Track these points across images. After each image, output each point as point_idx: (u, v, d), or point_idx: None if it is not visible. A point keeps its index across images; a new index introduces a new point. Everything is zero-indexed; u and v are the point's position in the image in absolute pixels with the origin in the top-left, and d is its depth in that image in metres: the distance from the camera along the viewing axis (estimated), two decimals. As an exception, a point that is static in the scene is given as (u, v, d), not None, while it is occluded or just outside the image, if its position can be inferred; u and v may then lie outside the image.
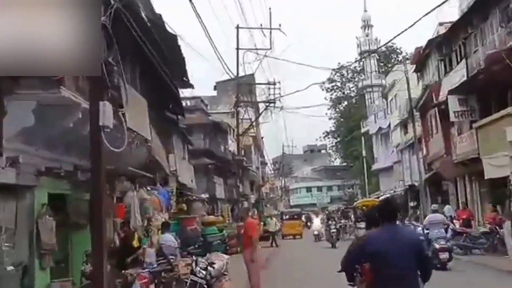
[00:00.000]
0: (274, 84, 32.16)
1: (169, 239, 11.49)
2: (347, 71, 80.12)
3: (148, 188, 13.73)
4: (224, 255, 14.47)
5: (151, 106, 19.51)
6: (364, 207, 33.99)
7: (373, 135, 58.11)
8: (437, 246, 16.42)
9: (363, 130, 62.53)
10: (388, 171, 51.35)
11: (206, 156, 34.65)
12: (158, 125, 20.63)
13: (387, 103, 51.76)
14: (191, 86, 32.23)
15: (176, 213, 16.66)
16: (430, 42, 29.57)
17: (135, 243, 11.73)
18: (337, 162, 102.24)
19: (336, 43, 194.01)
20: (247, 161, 49.08)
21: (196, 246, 16.04)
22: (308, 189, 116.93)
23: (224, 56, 42.88)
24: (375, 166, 57.88)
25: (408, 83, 32.27)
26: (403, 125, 42.28)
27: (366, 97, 69.55)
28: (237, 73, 30.05)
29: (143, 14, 21.13)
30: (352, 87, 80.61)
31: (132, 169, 11.84)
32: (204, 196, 32.68)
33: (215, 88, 57.66)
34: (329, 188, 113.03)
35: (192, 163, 30.85)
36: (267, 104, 33.12)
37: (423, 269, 5.29)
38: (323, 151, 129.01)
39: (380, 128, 54.86)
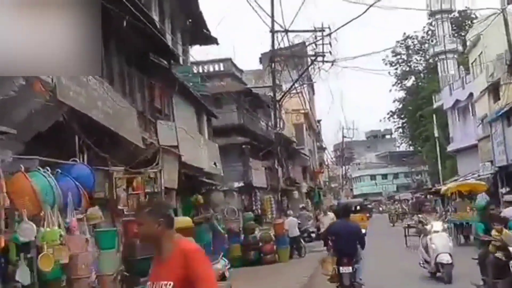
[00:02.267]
0: (322, 30, 23.70)
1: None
2: (413, 42, 71.25)
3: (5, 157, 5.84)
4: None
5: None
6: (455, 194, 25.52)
7: (448, 110, 49.08)
8: None
9: (435, 106, 53.48)
10: (468, 151, 42.26)
11: (239, 134, 27.10)
12: (125, 71, 13.28)
13: (468, 67, 42.51)
14: (214, 41, 24.99)
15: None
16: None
17: None
18: (403, 147, 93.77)
19: None
20: (298, 143, 41.52)
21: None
22: (372, 177, 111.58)
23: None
24: (450, 147, 48.82)
25: (506, 20, 23.41)
26: (494, 89, 33.23)
27: (439, 67, 59.68)
28: (272, 14, 22.22)
29: None
30: (420, 60, 71.33)
31: None
32: (237, 184, 25.44)
33: (260, 61, 50.83)
34: (395, 175, 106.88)
35: (217, 141, 23.56)
36: (314, 57, 24.73)
37: (361, 243, 10.49)
38: (387, 136, 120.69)
39: (457, 101, 45.90)
